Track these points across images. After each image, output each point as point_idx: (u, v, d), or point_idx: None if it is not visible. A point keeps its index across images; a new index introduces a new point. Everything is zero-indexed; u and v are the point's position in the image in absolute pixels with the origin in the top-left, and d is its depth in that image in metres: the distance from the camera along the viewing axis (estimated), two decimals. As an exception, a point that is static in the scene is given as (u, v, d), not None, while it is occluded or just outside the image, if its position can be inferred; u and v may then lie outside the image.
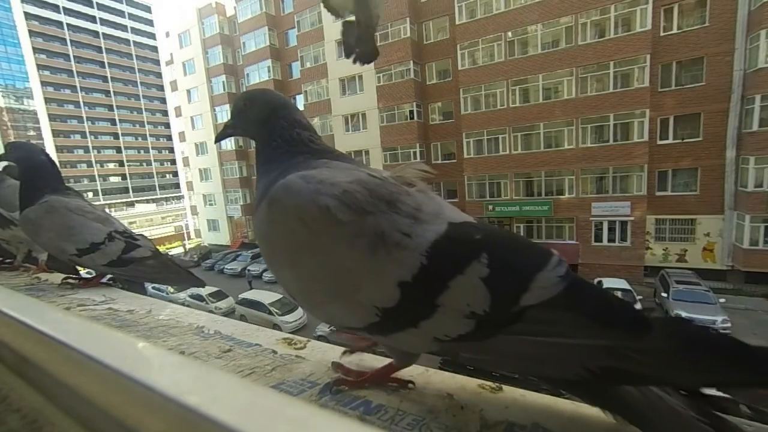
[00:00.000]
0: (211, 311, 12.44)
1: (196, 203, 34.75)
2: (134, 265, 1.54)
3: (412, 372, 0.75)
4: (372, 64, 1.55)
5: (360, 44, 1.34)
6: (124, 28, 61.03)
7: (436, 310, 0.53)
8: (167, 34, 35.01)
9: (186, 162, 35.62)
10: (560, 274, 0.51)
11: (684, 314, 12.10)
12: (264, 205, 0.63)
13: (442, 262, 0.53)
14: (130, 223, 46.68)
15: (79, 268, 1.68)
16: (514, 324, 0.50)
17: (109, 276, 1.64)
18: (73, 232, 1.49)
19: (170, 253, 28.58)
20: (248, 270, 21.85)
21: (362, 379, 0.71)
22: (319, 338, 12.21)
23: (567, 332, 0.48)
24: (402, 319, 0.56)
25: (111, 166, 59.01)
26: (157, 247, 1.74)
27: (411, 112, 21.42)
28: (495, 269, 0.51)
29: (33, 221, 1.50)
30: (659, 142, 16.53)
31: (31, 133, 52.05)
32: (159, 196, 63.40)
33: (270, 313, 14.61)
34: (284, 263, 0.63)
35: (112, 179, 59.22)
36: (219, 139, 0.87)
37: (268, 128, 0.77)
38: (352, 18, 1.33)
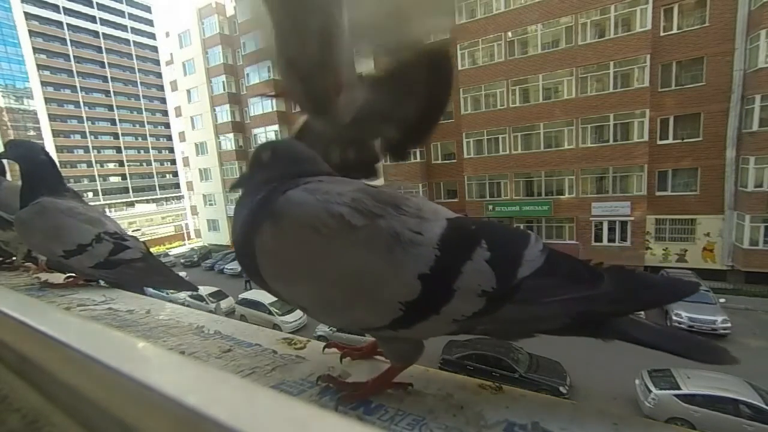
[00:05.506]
0: (211, 311, 12.45)
1: (196, 203, 34.74)
2: (122, 268, 1.50)
3: (412, 372, 0.74)
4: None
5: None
6: (124, 28, 60.93)
7: (454, 294, 0.59)
8: (167, 34, 34.95)
9: (186, 162, 35.58)
10: (540, 248, 0.62)
11: (684, 314, 12.10)
12: (267, 223, 0.61)
13: (452, 251, 0.60)
14: (130, 223, 46.72)
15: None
16: (515, 294, 0.59)
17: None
18: (61, 233, 1.46)
19: (170, 254, 28.61)
20: (248, 270, 21.80)
21: (363, 392, 0.69)
22: (319, 338, 12.20)
23: (552, 293, 0.59)
24: (425, 308, 0.60)
25: (111, 166, 58.90)
26: (157, 247, 1.72)
27: (411, 112, 21.40)
28: (494, 252, 0.60)
29: (25, 222, 1.48)
30: (659, 142, 16.52)
31: (31, 132, 52.01)
32: (159, 196, 63.35)
33: (270, 313, 14.61)
34: (297, 276, 0.63)
35: (112, 179, 59.12)
36: (235, 188, 0.78)
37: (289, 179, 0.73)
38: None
